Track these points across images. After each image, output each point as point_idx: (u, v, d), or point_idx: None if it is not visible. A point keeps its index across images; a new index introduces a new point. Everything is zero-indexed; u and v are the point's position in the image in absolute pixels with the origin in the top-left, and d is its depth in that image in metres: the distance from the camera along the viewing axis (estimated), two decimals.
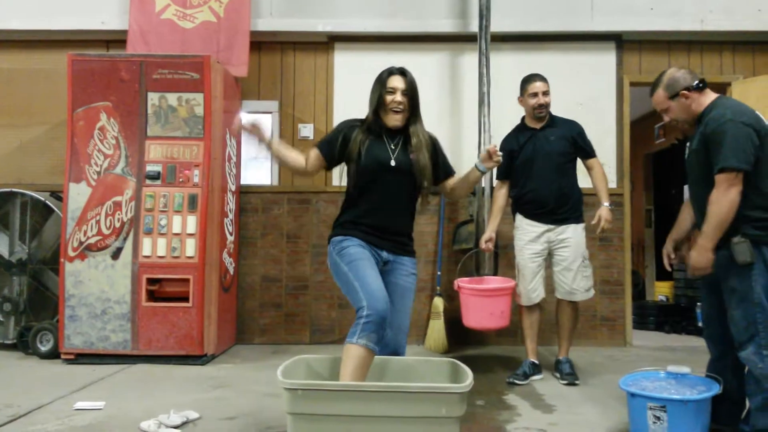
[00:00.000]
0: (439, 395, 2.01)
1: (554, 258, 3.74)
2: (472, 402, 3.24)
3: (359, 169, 2.55)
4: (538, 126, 3.77)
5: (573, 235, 3.68)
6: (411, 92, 2.61)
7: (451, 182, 2.77)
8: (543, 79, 3.77)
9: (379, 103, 2.59)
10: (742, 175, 2.39)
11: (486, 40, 4.64)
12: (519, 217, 3.82)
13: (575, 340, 4.75)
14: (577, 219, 3.72)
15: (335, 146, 2.62)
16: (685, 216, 2.82)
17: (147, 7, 4.82)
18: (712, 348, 2.72)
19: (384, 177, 2.55)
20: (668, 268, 3.15)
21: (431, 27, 4.98)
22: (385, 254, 2.57)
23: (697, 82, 2.57)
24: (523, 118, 3.90)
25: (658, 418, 2.44)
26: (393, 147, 2.60)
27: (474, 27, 4.80)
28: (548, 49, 5.02)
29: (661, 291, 6.68)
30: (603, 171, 3.81)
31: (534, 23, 4.93)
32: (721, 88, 5.10)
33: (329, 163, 2.66)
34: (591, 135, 4.97)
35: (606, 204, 3.67)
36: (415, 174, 2.58)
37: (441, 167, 2.73)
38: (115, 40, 4.98)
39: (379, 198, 2.56)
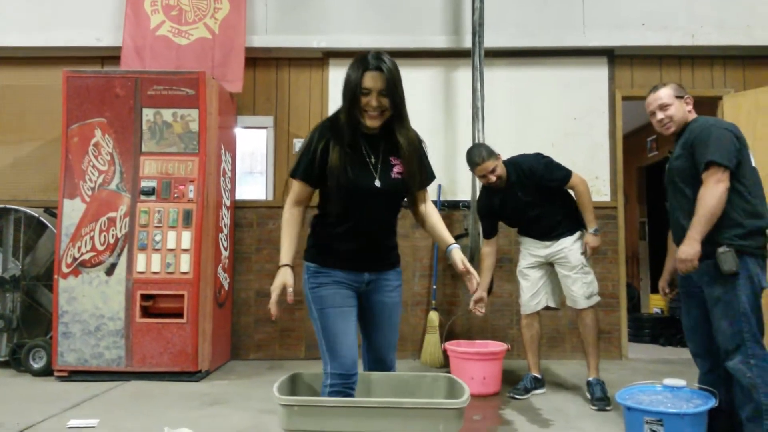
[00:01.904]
0: (436, 411, 1.99)
1: (556, 268, 3.75)
2: (469, 417, 3.22)
3: (337, 192, 2.15)
4: (504, 186, 3.72)
5: (566, 245, 3.69)
6: (391, 91, 2.12)
7: (421, 207, 2.37)
8: (484, 157, 3.59)
9: (352, 105, 2.14)
10: (729, 174, 2.46)
11: (480, 55, 4.68)
12: (523, 237, 3.88)
13: (572, 353, 4.78)
14: (570, 231, 3.72)
15: (314, 169, 2.19)
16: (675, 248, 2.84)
17: (142, 23, 4.85)
18: (700, 363, 2.74)
19: (366, 201, 2.18)
20: (665, 298, 3.12)
21: (425, 43, 5.03)
22: (367, 275, 2.25)
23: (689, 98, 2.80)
24: (487, 191, 3.84)
25: None
26: (374, 161, 2.20)
27: (468, 43, 4.84)
28: (541, 64, 5.07)
29: (656, 304, 6.69)
30: (585, 190, 3.70)
31: (527, 39, 4.98)
32: (713, 101, 5.17)
33: (316, 186, 2.25)
34: (584, 148, 5.05)
35: (590, 230, 3.65)
36: (403, 191, 2.26)
37: (423, 174, 2.33)
38: (110, 56, 5.00)
39: (360, 222, 2.20)
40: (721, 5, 4.97)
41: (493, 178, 3.61)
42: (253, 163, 5.25)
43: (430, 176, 2.36)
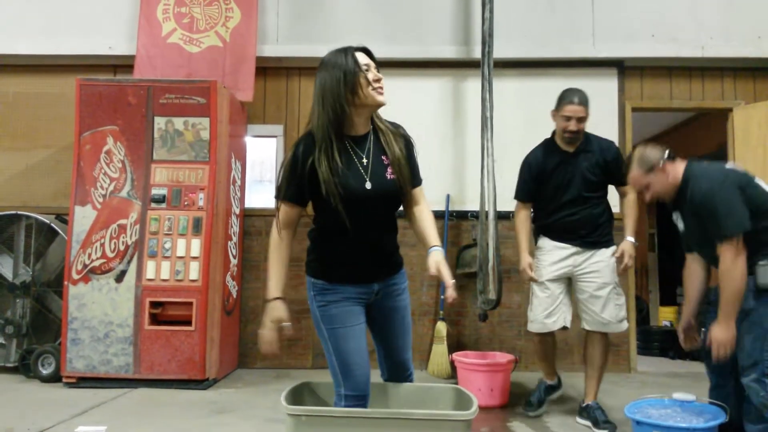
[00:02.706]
0: (444, 422, 1.99)
1: (579, 285, 3.37)
2: (477, 429, 3.21)
3: (331, 202, 2.02)
4: (570, 149, 3.40)
5: (602, 258, 3.34)
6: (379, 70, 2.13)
7: (414, 207, 2.25)
8: (582, 101, 3.33)
9: (346, 91, 2.02)
10: (742, 237, 2.39)
11: (489, 66, 4.69)
12: (544, 239, 3.49)
13: (579, 365, 4.74)
14: (607, 243, 3.39)
15: (304, 188, 2.06)
16: (692, 286, 2.77)
17: (154, 30, 4.90)
18: (711, 375, 2.71)
19: (362, 206, 2.06)
20: (686, 348, 2.93)
21: (434, 53, 5.05)
22: (376, 286, 2.17)
23: (667, 153, 2.60)
24: (553, 134, 3.53)
25: None
26: (365, 162, 2.08)
27: (477, 53, 4.85)
28: (550, 75, 5.07)
29: (665, 316, 6.64)
30: (635, 200, 3.38)
31: (536, 50, 4.99)
32: (723, 113, 5.15)
33: (306, 205, 2.14)
34: None
35: (630, 239, 3.32)
36: (395, 193, 2.12)
37: (414, 170, 2.22)
38: (122, 64, 5.04)
39: (359, 230, 2.08)
40: (731, 17, 4.96)
41: (574, 127, 3.29)
42: (263, 172, 5.27)
43: (418, 177, 2.24)
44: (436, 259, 2.11)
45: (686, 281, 2.81)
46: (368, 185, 2.06)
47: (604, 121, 5.04)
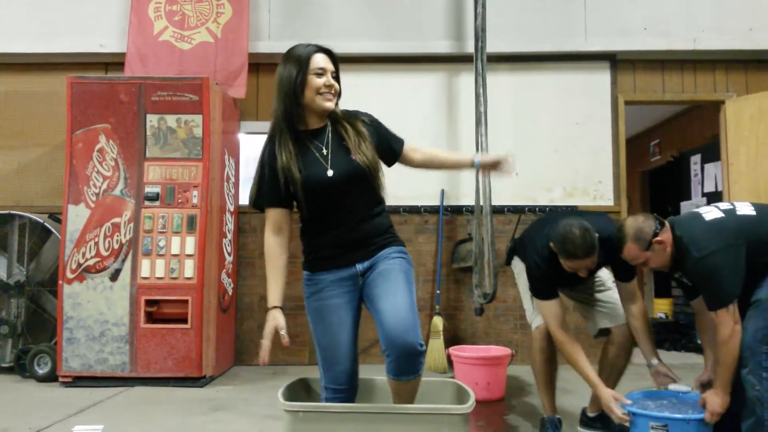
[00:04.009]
0: (441, 416, 2.00)
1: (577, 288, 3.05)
2: (474, 422, 3.22)
3: (297, 193, 2.06)
4: None
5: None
6: (338, 74, 2.14)
7: (417, 157, 2.26)
8: (587, 255, 2.61)
9: (297, 89, 2.05)
10: (736, 304, 2.35)
11: (482, 60, 4.69)
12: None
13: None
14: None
15: (279, 188, 2.07)
16: (710, 355, 2.68)
17: (146, 29, 4.87)
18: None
19: (327, 193, 2.07)
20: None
21: (428, 48, 5.04)
22: (358, 266, 2.12)
23: (657, 223, 2.49)
24: (553, 259, 2.76)
25: None
26: (324, 152, 2.09)
27: (470, 48, 4.85)
28: (543, 69, 5.08)
29: (660, 308, 6.68)
30: (644, 313, 2.88)
31: (529, 44, 5.00)
32: (715, 106, 5.17)
33: (289, 206, 2.15)
34: (587, 153, 5.05)
35: (656, 362, 2.83)
36: (362, 175, 2.08)
37: (388, 149, 2.20)
38: (114, 62, 5.03)
39: (332, 217, 2.10)
40: (722, 10, 4.98)
41: (583, 275, 2.71)
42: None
43: (397, 140, 2.23)
44: (492, 156, 2.25)
45: (703, 332, 2.74)
46: (330, 173, 2.06)
47: (597, 115, 5.07)
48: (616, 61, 5.09)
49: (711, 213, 2.51)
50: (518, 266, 3.14)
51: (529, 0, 5.05)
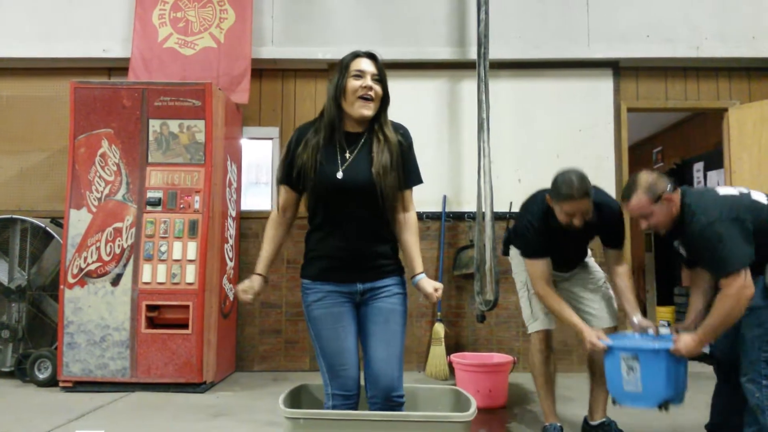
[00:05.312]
0: (443, 424, 1.98)
1: (569, 287, 3.08)
2: (475, 430, 3.20)
3: (310, 187, 2.09)
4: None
5: (587, 261, 3.14)
6: (383, 78, 2.12)
7: (400, 216, 2.20)
8: (582, 195, 2.67)
9: (338, 93, 2.09)
10: (749, 270, 2.32)
11: (485, 67, 4.69)
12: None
13: (579, 365, 4.74)
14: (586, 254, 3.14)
15: (293, 171, 2.12)
16: (699, 289, 2.73)
17: (150, 35, 4.89)
18: (717, 371, 2.72)
19: (335, 196, 2.08)
20: None
21: (431, 54, 5.05)
22: (359, 286, 2.13)
23: (671, 184, 2.52)
24: (548, 216, 2.85)
25: (631, 368, 2.46)
26: (347, 156, 2.09)
27: (472, 54, 4.86)
28: (546, 76, 5.08)
29: (662, 316, 6.64)
30: (629, 274, 3.00)
31: (532, 51, 5.00)
32: (718, 113, 5.17)
33: (299, 191, 2.18)
34: (589, 160, 5.04)
35: (637, 318, 2.82)
36: (370, 187, 2.05)
37: (403, 174, 2.14)
38: (117, 67, 5.03)
39: (336, 222, 2.10)
40: (726, 17, 4.98)
41: (577, 223, 2.72)
42: (258, 174, 5.26)
43: (412, 179, 2.20)
44: (432, 284, 2.17)
45: (694, 285, 2.78)
46: (339, 174, 2.07)
47: (599, 122, 5.06)
48: (618, 68, 5.08)
49: (726, 189, 2.55)
50: (515, 258, 3.18)
51: (532, 7, 5.05)
